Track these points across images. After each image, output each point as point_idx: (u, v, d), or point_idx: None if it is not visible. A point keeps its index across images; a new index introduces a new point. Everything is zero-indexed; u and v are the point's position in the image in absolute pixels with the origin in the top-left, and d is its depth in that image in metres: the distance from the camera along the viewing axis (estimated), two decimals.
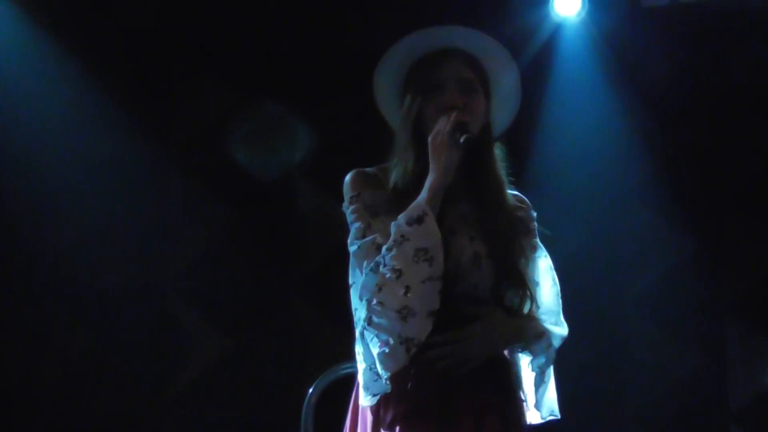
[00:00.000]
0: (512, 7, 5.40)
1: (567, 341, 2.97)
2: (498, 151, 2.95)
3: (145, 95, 5.51)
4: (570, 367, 5.58)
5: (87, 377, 5.46)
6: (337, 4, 5.56)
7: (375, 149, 3.03)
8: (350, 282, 2.89)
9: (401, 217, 2.77)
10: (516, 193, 2.99)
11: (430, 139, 2.82)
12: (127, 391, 5.48)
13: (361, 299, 2.78)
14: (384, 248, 2.76)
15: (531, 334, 2.87)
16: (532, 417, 2.96)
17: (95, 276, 5.46)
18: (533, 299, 2.89)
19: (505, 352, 2.95)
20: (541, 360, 2.89)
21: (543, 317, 2.93)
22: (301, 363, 5.36)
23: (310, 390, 3.34)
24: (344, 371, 3.31)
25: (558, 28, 5.55)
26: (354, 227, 2.87)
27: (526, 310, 2.85)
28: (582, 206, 5.54)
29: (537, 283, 2.94)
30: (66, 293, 5.45)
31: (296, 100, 5.61)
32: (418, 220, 2.76)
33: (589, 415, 5.59)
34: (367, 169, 2.95)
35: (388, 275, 2.74)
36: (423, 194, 2.79)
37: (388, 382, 2.79)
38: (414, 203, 2.78)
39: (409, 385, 2.84)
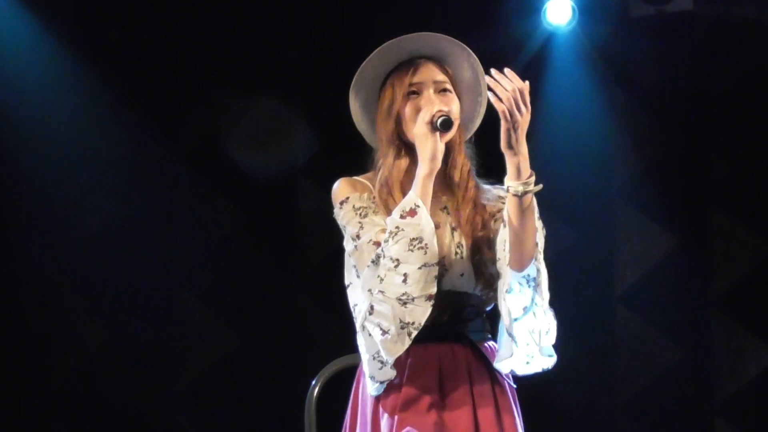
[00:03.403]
0: (505, 17, 5.42)
1: (559, 337, 2.96)
2: (467, 150, 3.00)
3: (154, 100, 5.52)
4: (560, 360, 5.58)
5: (100, 371, 5.48)
6: (339, 9, 5.58)
7: (375, 151, 3.03)
8: (346, 283, 2.92)
9: (395, 211, 2.80)
10: (489, 186, 3.00)
11: (414, 131, 2.86)
12: (138, 383, 5.49)
13: (364, 290, 2.81)
14: (382, 242, 2.80)
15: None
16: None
17: (107, 274, 5.47)
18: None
19: (490, 344, 2.95)
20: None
21: None
22: (305, 356, 5.37)
23: (313, 382, 3.34)
24: (346, 364, 3.30)
25: (549, 37, 5.57)
26: (347, 230, 2.90)
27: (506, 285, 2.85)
28: (572, 206, 5.54)
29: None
30: (79, 291, 5.47)
31: (299, 104, 5.62)
32: (411, 212, 2.78)
33: (578, 405, 5.62)
34: (353, 177, 2.99)
35: (387, 265, 2.77)
36: (414, 186, 2.83)
37: (392, 367, 2.80)
38: (407, 196, 2.82)
39: (407, 375, 2.85)
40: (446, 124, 2.84)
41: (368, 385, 2.87)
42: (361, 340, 2.85)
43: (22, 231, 5.43)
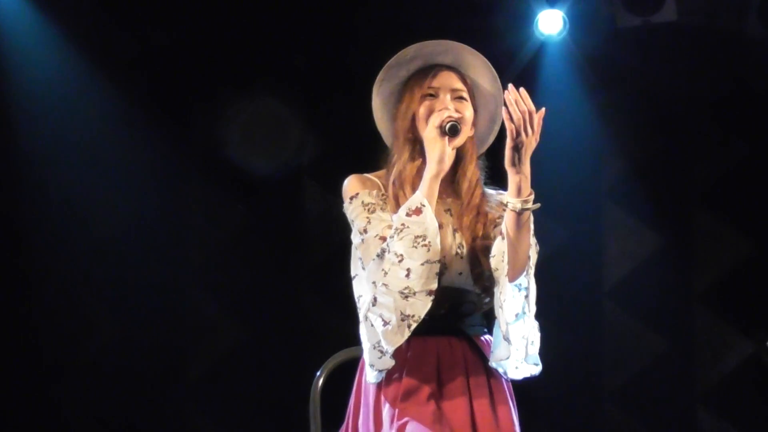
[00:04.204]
0: (499, 27, 5.42)
1: (549, 330, 3.00)
2: (480, 162, 3.03)
3: (167, 105, 5.53)
4: (551, 352, 5.58)
5: (114, 361, 5.49)
6: (343, 18, 5.59)
7: (377, 153, 3.09)
8: (352, 274, 2.95)
9: (401, 209, 2.85)
10: (493, 192, 3.05)
11: (425, 134, 2.91)
12: (150, 374, 5.51)
13: (368, 282, 2.85)
14: (388, 237, 2.84)
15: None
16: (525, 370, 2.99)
17: (122, 270, 5.50)
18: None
19: (487, 338, 3.00)
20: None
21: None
22: (309, 348, 5.38)
23: (317, 373, 3.34)
24: (348, 356, 3.32)
25: (541, 46, 5.58)
26: (355, 224, 2.92)
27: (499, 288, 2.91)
28: (563, 206, 5.55)
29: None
30: (95, 286, 5.50)
31: (304, 109, 5.64)
32: (417, 210, 2.82)
33: (568, 394, 5.63)
34: (363, 174, 3.02)
35: (391, 260, 2.80)
36: (421, 187, 2.87)
37: (392, 357, 2.83)
38: (413, 196, 2.86)
39: (407, 367, 2.89)
40: (454, 129, 2.87)
41: (368, 373, 2.90)
42: (363, 330, 2.88)
43: (42, 231, 5.44)
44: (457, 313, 2.94)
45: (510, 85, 2.76)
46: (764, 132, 5.63)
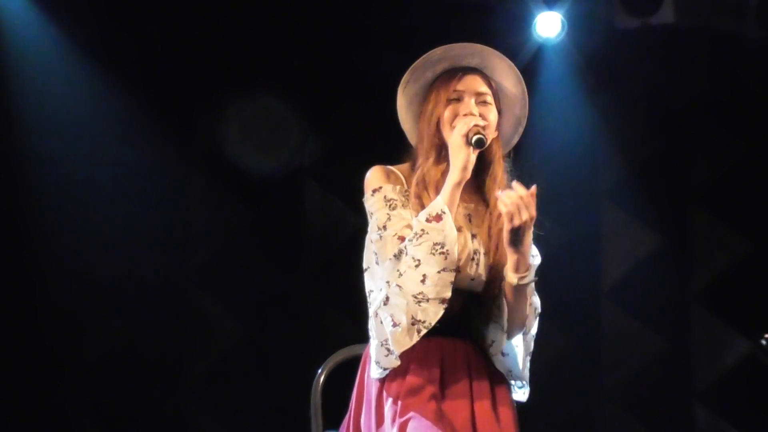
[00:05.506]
0: (497, 29, 5.41)
1: (548, 330, 2.98)
2: (505, 164, 3.02)
3: (169, 107, 5.52)
4: (551, 351, 5.61)
5: (119, 359, 5.49)
6: (342, 21, 5.57)
7: (378, 154, 3.08)
8: (365, 266, 2.96)
9: (422, 214, 2.84)
10: None
11: (450, 140, 2.89)
12: (154, 371, 5.51)
13: (382, 281, 2.84)
14: (406, 239, 2.82)
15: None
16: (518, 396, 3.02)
17: (123, 269, 5.49)
18: None
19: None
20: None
21: None
22: (310, 347, 5.36)
23: (319, 370, 3.35)
24: (349, 354, 3.33)
25: (540, 48, 5.57)
26: (374, 218, 2.92)
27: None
28: (562, 207, 5.54)
29: None
30: (98, 286, 5.48)
31: (305, 110, 5.63)
32: (437, 217, 2.81)
33: (567, 392, 5.64)
34: (387, 166, 3.01)
35: (408, 263, 2.79)
36: (442, 193, 2.86)
37: (398, 357, 2.83)
38: (434, 201, 2.85)
39: (410, 366, 2.88)
40: (479, 143, 2.86)
41: (372, 368, 2.91)
42: (372, 325, 2.89)
43: (44, 231, 5.43)
44: (464, 316, 2.93)
45: (498, 192, 2.79)
46: (762, 132, 5.66)
